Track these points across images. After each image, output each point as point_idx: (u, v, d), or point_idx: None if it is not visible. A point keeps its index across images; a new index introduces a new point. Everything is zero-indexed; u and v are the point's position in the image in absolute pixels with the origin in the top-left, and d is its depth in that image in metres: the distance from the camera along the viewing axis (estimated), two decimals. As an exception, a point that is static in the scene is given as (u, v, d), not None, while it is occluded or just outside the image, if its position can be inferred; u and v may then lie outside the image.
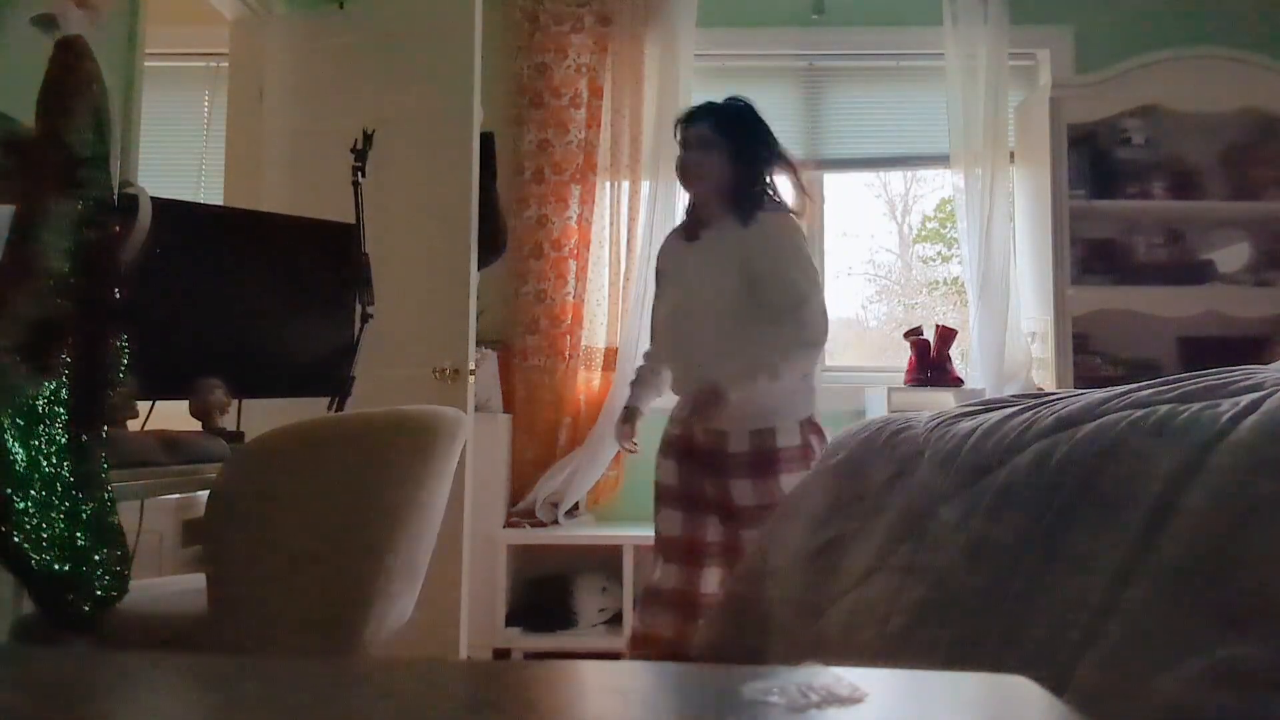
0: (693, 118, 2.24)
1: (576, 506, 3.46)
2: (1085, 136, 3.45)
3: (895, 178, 4.08)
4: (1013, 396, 1.58)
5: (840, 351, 3.91)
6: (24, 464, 1.01)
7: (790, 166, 2.24)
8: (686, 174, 2.24)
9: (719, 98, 2.28)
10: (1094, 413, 1.11)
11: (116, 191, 1.18)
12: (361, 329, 2.40)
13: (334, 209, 2.45)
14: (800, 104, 3.78)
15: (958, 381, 3.40)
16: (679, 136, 2.25)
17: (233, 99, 3.15)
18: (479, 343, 2.98)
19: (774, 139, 2.23)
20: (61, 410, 1.05)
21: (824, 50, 3.75)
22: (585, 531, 3.35)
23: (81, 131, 1.11)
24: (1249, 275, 3.42)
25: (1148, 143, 3.49)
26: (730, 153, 2.18)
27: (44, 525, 1.02)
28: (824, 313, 2.11)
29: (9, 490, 1.01)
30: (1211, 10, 3.65)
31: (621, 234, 3.52)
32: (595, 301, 3.54)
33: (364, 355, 2.41)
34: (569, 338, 3.48)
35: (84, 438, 1.07)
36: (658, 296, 2.37)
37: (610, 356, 3.50)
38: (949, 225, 4.04)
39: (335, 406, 2.35)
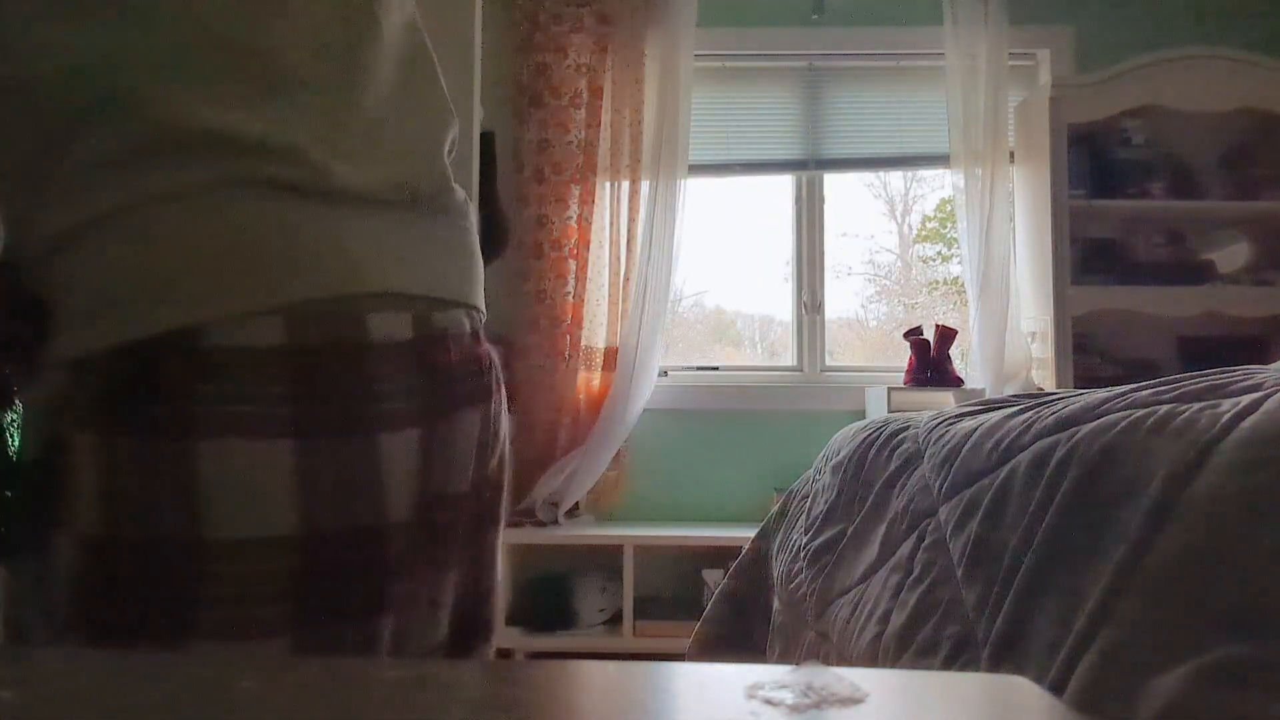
0: None
1: (576, 506, 3.47)
2: (1085, 136, 3.45)
3: (895, 178, 4.08)
4: (1013, 396, 1.58)
5: (840, 351, 3.91)
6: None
7: None
8: None
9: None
10: (1094, 413, 1.11)
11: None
12: (361, 329, 2.40)
13: (334, 209, 2.45)
14: (800, 104, 3.78)
15: (958, 381, 3.40)
16: None
17: (233, 99, 3.15)
18: (479, 343, 2.98)
19: None
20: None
21: (824, 50, 3.75)
22: (585, 531, 3.35)
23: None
24: (1249, 275, 3.42)
25: (1148, 143, 3.50)
26: None
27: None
28: None
29: (8, 490, 1.01)
30: (1211, 10, 3.65)
31: (621, 234, 3.53)
32: (595, 301, 3.54)
33: (364, 355, 2.41)
34: (569, 337, 3.49)
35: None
36: None
37: (610, 357, 3.51)
38: (949, 225, 4.04)
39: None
